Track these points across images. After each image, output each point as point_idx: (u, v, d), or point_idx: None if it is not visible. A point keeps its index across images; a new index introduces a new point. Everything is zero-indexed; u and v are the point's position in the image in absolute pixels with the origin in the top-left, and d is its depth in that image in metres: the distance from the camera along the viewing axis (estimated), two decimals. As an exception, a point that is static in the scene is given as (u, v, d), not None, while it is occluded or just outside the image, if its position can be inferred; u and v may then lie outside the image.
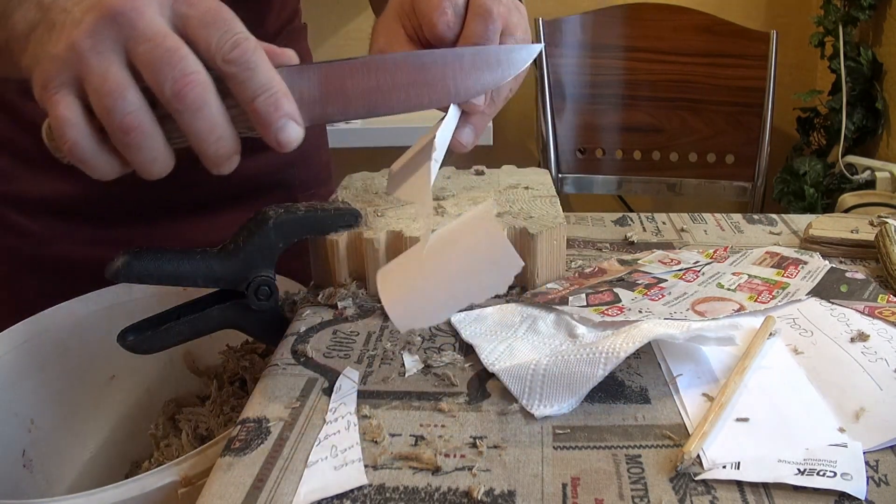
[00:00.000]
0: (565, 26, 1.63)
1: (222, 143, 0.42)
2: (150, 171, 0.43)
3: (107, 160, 0.42)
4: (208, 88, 0.41)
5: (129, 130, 0.40)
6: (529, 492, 0.37)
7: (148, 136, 0.41)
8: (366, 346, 0.51)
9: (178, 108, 0.40)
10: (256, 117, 0.42)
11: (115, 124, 0.40)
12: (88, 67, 0.39)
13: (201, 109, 0.40)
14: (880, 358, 0.47)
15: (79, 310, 0.66)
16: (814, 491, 0.36)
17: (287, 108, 0.42)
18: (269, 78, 0.41)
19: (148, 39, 0.39)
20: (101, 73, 0.39)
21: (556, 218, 0.59)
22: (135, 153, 0.41)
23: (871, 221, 0.68)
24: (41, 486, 0.62)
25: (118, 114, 0.40)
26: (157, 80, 0.40)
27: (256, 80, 0.41)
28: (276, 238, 0.53)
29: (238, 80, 0.41)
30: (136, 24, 0.39)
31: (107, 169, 0.42)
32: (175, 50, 0.40)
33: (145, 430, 0.65)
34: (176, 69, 0.39)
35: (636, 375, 0.47)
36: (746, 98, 1.59)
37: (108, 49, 0.40)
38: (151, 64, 0.39)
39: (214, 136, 0.42)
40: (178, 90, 0.39)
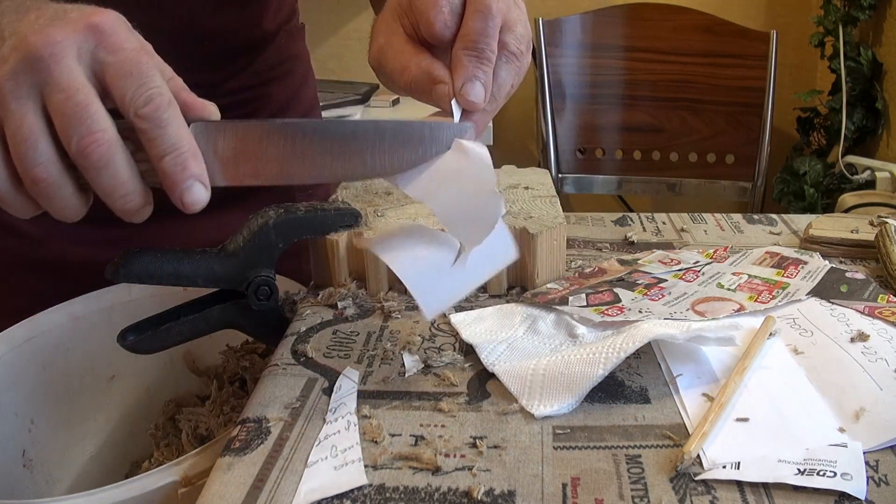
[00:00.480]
0: (565, 26, 1.63)
1: (129, 198, 0.42)
2: (62, 217, 0.43)
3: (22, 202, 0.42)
4: (114, 147, 0.40)
5: (38, 182, 0.40)
6: (529, 492, 0.38)
7: (56, 188, 0.41)
8: (366, 346, 0.51)
9: (83, 164, 0.40)
10: (163, 176, 0.42)
11: (25, 174, 0.40)
12: (7, 111, 0.40)
13: (106, 168, 0.40)
14: (880, 358, 0.47)
15: (79, 310, 0.66)
16: (814, 491, 0.36)
17: (194, 169, 0.42)
18: (179, 137, 0.41)
19: (61, 90, 0.39)
20: (18, 119, 0.39)
21: (556, 218, 0.59)
22: (45, 202, 0.42)
23: (871, 221, 0.68)
24: (41, 486, 0.62)
25: (29, 164, 0.40)
26: (65, 134, 0.40)
27: (166, 138, 0.41)
28: (276, 238, 0.53)
29: (148, 137, 0.41)
30: (52, 71, 0.39)
31: (21, 210, 0.43)
32: (85, 105, 0.39)
33: (145, 430, 0.65)
34: (83, 126, 0.39)
35: (636, 375, 0.47)
36: (746, 98, 1.58)
37: (25, 94, 0.39)
38: (62, 116, 0.39)
39: (120, 193, 0.42)
40: (83, 147, 0.39)
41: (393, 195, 0.66)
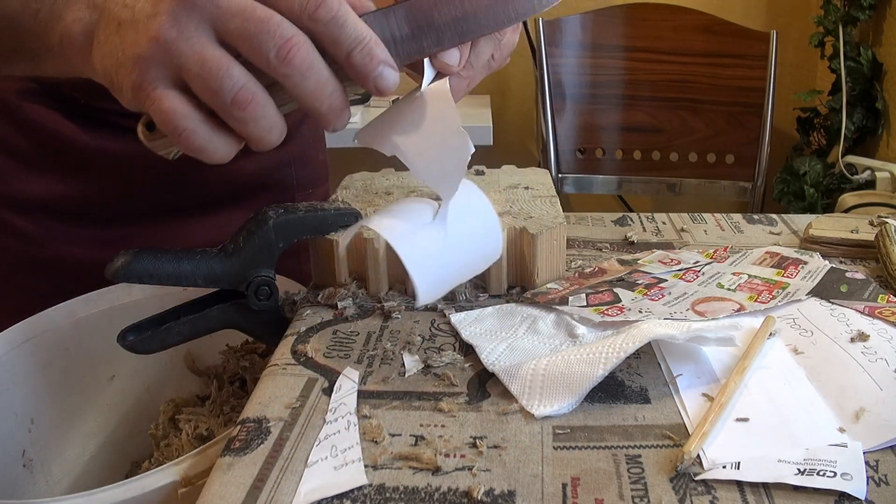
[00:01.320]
0: (565, 26, 1.63)
1: (335, 95, 0.42)
2: (267, 141, 0.43)
3: (223, 141, 0.42)
4: (311, 48, 0.40)
5: (245, 105, 0.40)
6: (529, 492, 0.37)
7: (263, 106, 0.41)
8: (366, 346, 0.51)
9: (287, 72, 0.40)
10: (353, 70, 0.42)
11: (227, 102, 0.40)
12: (182, 56, 0.39)
13: (310, 69, 0.40)
14: (880, 358, 0.47)
15: (79, 310, 0.66)
16: (814, 491, 0.36)
17: (381, 55, 0.42)
18: (359, 29, 0.41)
19: (236, 14, 0.39)
20: (198, 58, 0.39)
21: (556, 218, 0.59)
22: (252, 126, 0.41)
23: (871, 221, 0.68)
24: (41, 486, 0.62)
25: (228, 91, 0.39)
26: (258, 51, 0.39)
27: (346, 34, 0.41)
28: (276, 238, 0.53)
29: (329, 38, 0.41)
30: (218, 2, 0.39)
31: (224, 150, 0.42)
32: (268, 18, 0.39)
33: (145, 430, 0.65)
34: (276, 36, 0.39)
35: (636, 375, 0.47)
36: (746, 98, 1.58)
37: (195, 33, 0.39)
38: (248, 37, 0.39)
39: (327, 91, 0.42)
40: (283, 56, 0.39)
41: (393, 195, 0.66)
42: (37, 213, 0.73)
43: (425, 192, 0.66)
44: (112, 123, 0.70)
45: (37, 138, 0.71)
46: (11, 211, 0.73)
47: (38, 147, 0.71)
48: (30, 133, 0.71)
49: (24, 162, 0.72)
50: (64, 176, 0.72)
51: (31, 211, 0.73)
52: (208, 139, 0.41)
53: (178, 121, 0.40)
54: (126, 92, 0.41)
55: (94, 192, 0.72)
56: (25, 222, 0.73)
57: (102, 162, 0.71)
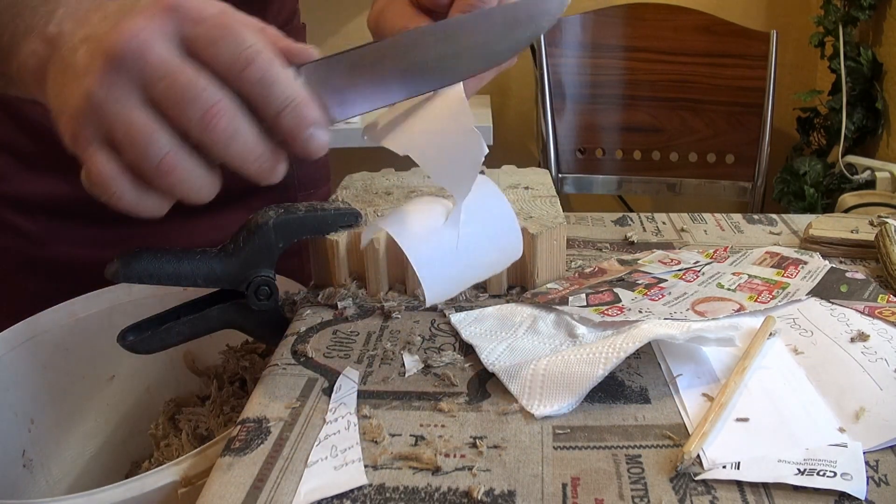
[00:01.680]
0: (565, 26, 1.63)
1: (262, 159, 0.41)
2: (198, 199, 0.42)
3: (153, 201, 0.41)
4: (237, 114, 0.39)
5: (169, 171, 0.39)
6: (529, 492, 0.37)
7: (189, 171, 0.40)
8: (366, 346, 0.51)
9: (210, 140, 0.39)
10: (282, 132, 0.41)
11: (152, 169, 0.39)
12: (110, 118, 0.38)
13: (235, 137, 0.39)
14: (880, 358, 0.47)
15: (79, 310, 0.66)
16: (814, 491, 0.36)
17: (313, 117, 0.41)
18: (290, 89, 0.40)
19: (162, 77, 0.38)
20: (125, 122, 0.38)
21: (556, 218, 0.59)
22: (178, 189, 0.40)
23: (871, 221, 0.68)
24: (41, 486, 0.62)
25: (153, 158, 0.39)
26: (182, 117, 0.38)
27: (276, 94, 0.39)
28: (276, 238, 0.53)
29: (258, 98, 0.40)
30: (146, 62, 0.38)
31: (154, 208, 0.42)
32: (193, 83, 0.38)
33: (145, 430, 0.65)
34: (199, 102, 0.38)
35: (636, 375, 0.47)
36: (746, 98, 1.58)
37: (123, 94, 0.38)
38: (173, 102, 0.38)
39: (253, 157, 0.40)
40: (206, 123, 0.38)
41: (393, 195, 0.66)
42: (38, 213, 0.73)
43: (425, 193, 0.66)
44: None
45: (37, 138, 0.71)
46: (12, 211, 0.73)
47: (39, 147, 0.71)
48: (31, 133, 0.71)
49: (25, 162, 0.72)
50: (65, 176, 0.72)
51: (32, 211, 0.73)
52: (137, 200, 0.41)
53: (107, 183, 0.40)
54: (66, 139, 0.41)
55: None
56: (26, 222, 0.73)
57: None
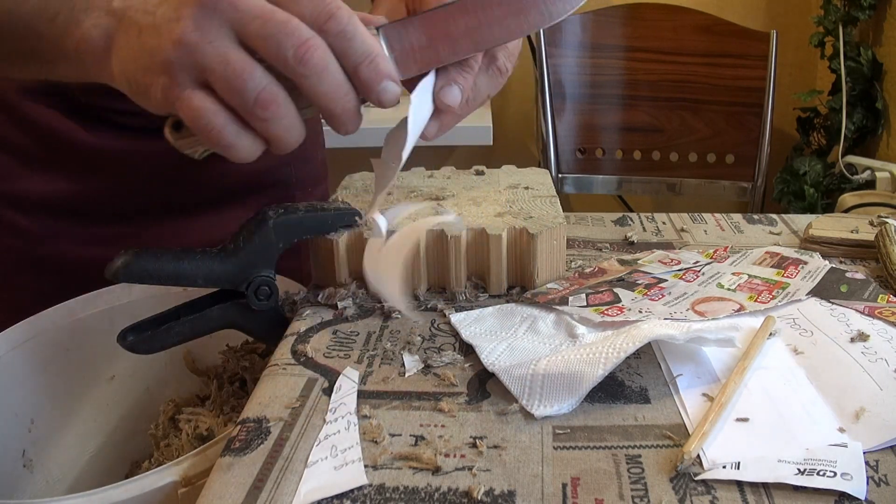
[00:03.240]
0: (565, 26, 1.63)
1: (349, 97, 0.43)
2: (287, 142, 0.44)
3: (249, 140, 0.43)
4: (327, 51, 0.42)
5: (267, 105, 0.41)
6: (529, 492, 0.38)
7: (284, 106, 0.42)
8: (366, 346, 0.51)
9: (304, 72, 0.41)
10: (359, 82, 0.43)
11: (250, 103, 0.41)
12: (206, 58, 0.40)
13: (325, 70, 0.41)
14: (880, 358, 0.47)
15: (79, 310, 0.66)
16: (814, 491, 0.36)
17: (386, 70, 0.44)
18: (367, 44, 0.43)
19: (256, 16, 0.40)
20: (221, 59, 0.40)
21: (556, 218, 0.59)
22: (273, 126, 0.42)
23: (871, 221, 0.68)
24: (41, 486, 0.62)
25: (251, 92, 0.40)
26: (277, 52, 0.40)
27: (354, 48, 0.42)
28: (276, 238, 0.53)
29: (338, 50, 0.42)
30: (237, 6, 0.40)
31: (250, 149, 0.43)
32: (287, 20, 0.40)
33: (145, 430, 0.65)
34: (294, 37, 0.40)
35: (636, 375, 0.47)
36: (746, 98, 1.58)
37: (218, 35, 0.40)
38: (268, 38, 0.40)
39: (342, 92, 0.43)
40: (300, 56, 0.40)
41: (393, 195, 0.66)
42: (38, 211, 0.73)
43: (425, 192, 0.66)
44: (112, 122, 0.70)
45: (37, 137, 0.71)
46: (12, 209, 0.73)
47: (38, 145, 0.71)
48: (30, 131, 0.71)
49: (24, 160, 0.72)
50: (65, 174, 0.72)
51: (33, 209, 0.73)
52: (236, 136, 0.42)
53: (209, 118, 0.41)
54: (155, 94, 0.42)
55: (95, 191, 0.72)
56: (27, 221, 0.73)
57: (103, 160, 0.71)
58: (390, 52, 0.46)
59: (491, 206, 0.62)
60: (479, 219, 0.59)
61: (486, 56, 0.50)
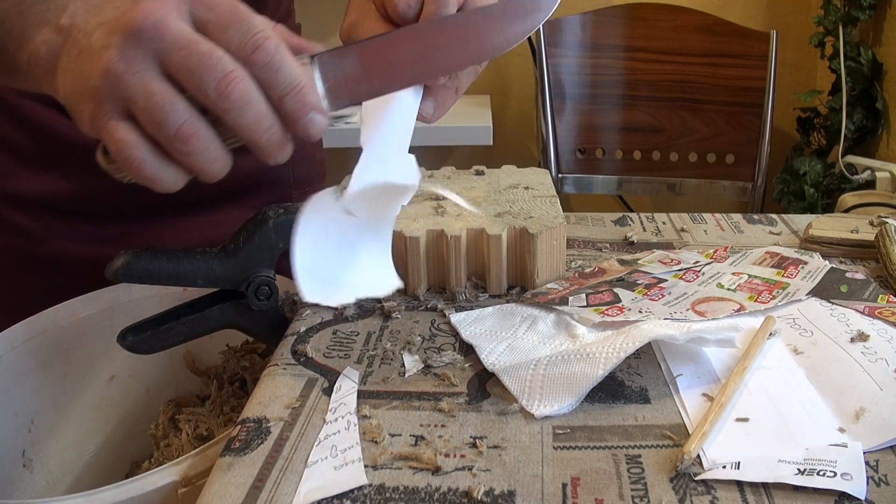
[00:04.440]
0: (565, 26, 1.63)
1: (273, 130, 0.43)
2: (211, 174, 0.44)
3: (171, 172, 0.43)
4: (250, 83, 0.41)
5: (188, 139, 0.41)
6: (529, 492, 0.37)
7: (205, 140, 0.42)
8: (366, 346, 0.51)
9: (225, 106, 0.41)
10: (285, 114, 0.43)
11: (170, 136, 0.41)
12: (130, 89, 0.40)
13: (248, 104, 0.41)
14: (880, 358, 0.47)
15: (79, 310, 0.66)
16: (814, 491, 0.36)
17: (312, 101, 0.43)
18: (294, 75, 0.42)
19: (180, 48, 0.40)
20: (144, 92, 0.40)
21: (556, 218, 0.59)
22: (195, 159, 0.42)
23: (871, 221, 0.68)
24: (41, 486, 0.62)
25: (172, 125, 0.40)
26: (199, 85, 0.40)
27: (280, 79, 0.42)
28: (276, 238, 0.53)
29: (264, 81, 0.42)
30: (163, 36, 0.40)
31: (172, 180, 0.43)
32: (210, 52, 0.40)
33: (145, 430, 0.65)
34: (216, 70, 0.40)
35: (636, 375, 0.47)
36: (746, 98, 1.58)
37: (143, 67, 0.40)
38: (190, 70, 0.40)
39: (265, 126, 0.42)
40: (221, 90, 0.40)
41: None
42: (36, 210, 0.73)
43: (425, 192, 0.66)
44: None
45: (36, 136, 0.71)
46: (11, 208, 0.73)
47: (37, 144, 0.71)
48: (29, 130, 0.71)
49: (23, 159, 0.72)
50: (63, 173, 0.72)
51: (31, 208, 0.73)
52: (157, 169, 0.42)
53: (129, 151, 0.41)
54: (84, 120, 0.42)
55: (94, 189, 0.72)
56: (25, 220, 0.73)
57: None
58: (324, 82, 0.45)
59: (491, 206, 0.62)
60: (479, 219, 0.59)
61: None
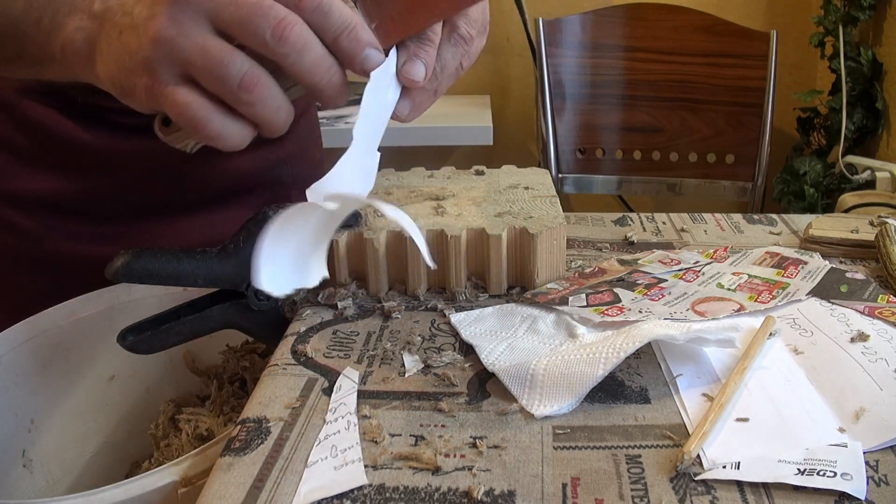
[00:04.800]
0: (565, 26, 1.63)
1: (332, 70, 0.43)
2: (276, 123, 0.44)
3: (237, 127, 0.43)
4: (304, 26, 0.41)
5: (251, 88, 0.41)
6: (529, 492, 0.37)
7: (269, 87, 0.42)
8: (366, 346, 0.51)
9: (284, 51, 0.41)
10: (341, 54, 0.43)
11: (234, 88, 0.41)
12: (184, 51, 0.40)
13: (306, 46, 0.41)
14: (880, 358, 0.47)
15: (79, 310, 0.66)
16: (814, 491, 0.36)
17: (367, 38, 0.43)
18: (344, 15, 0.42)
19: (229, 3, 0.40)
20: (200, 50, 0.40)
21: (556, 218, 0.59)
22: (260, 108, 0.42)
23: (871, 221, 0.68)
24: (41, 486, 0.62)
25: (234, 77, 0.40)
26: (255, 34, 0.40)
27: (332, 20, 0.42)
28: (276, 238, 0.53)
29: (316, 25, 0.42)
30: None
31: (239, 136, 0.43)
32: (260, 2, 0.40)
33: (145, 430, 0.65)
34: (269, 17, 0.40)
35: (636, 375, 0.47)
36: (746, 98, 1.58)
37: (194, 27, 0.40)
38: (243, 22, 0.40)
39: (324, 66, 0.43)
40: (278, 35, 0.40)
41: (393, 195, 0.66)
42: (36, 209, 0.73)
43: (425, 192, 0.66)
44: (110, 121, 0.70)
45: (36, 136, 0.71)
46: (11, 208, 0.73)
47: (37, 144, 0.71)
48: (29, 130, 0.71)
49: (23, 159, 0.72)
50: (63, 173, 0.72)
51: (31, 208, 0.73)
52: (222, 126, 0.42)
53: (194, 111, 0.41)
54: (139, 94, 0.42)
55: (93, 189, 0.72)
56: (25, 219, 0.73)
57: (101, 159, 0.71)
58: (369, 23, 0.45)
59: (491, 206, 0.62)
60: (479, 219, 0.59)
61: (447, 26, 0.50)
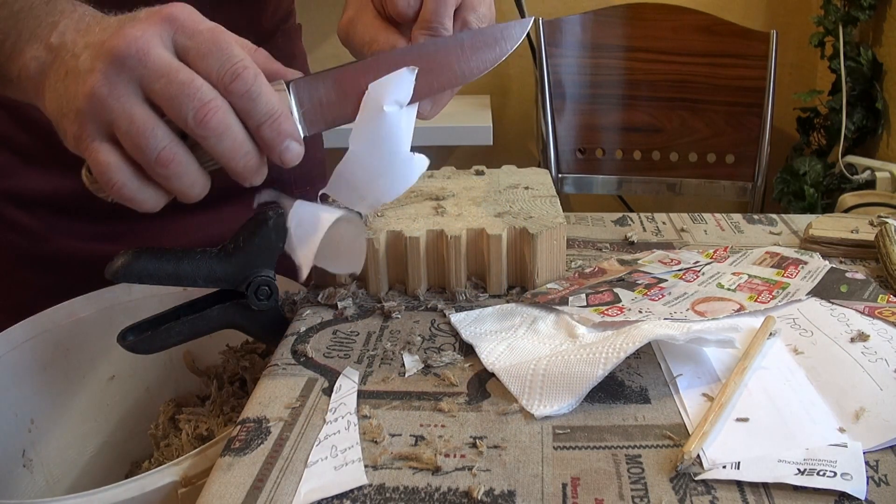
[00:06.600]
0: (565, 26, 1.63)
1: (249, 157, 0.45)
2: (190, 196, 0.45)
3: (150, 194, 0.44)
4: (228, 112, 0.43)
5: (167, 163, 0.42)
6: (529, 492, 0.38)
7: (184, 164, 0.43)
8: (366, 346, 0.51)
9: (203, 134, 0.42)
10: (262, 142, 0.44)
11: (151, 160, 0.42)
12: (112, 112, 0.41)
13: (226, 132, 0.43)
14: (880, 358, 0.47)
15: (79, 310, 0.66)
16: (814, 491, 0.36)
17: (288, 129, 0.45)
18: (270, 104, 0.44)
19: (161, 76, 0.41)
20: (127, 116, 0.41)
21: (556, 218, 0.59)
22: (174, 182, 0.44)
23: (871, 221, 0.68)
24: (41, 486, 0.62)
25: (152, 150, 0.42)
26: (179, 113, 0.41)
27: (258, 108, 0.43)
28: (276, 238, 0.53)
29: (242, 110, 0.43)
30: (145, 62, 0.41)
31: (152, 202, 0.45)
32: (190, 82, 0.41)
33: (145, 430, 0.65)
34: (195, 99, 0.41)
35: (636, 375, 0.47)
36: (746, 98, 1.58)
37: (125, 92, 0.41)
38: (170, 98, 0.41)
39: (241, 152, 0.44)
40: (200, 118, 0.41)
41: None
42: (38, 208, 0.73)
43: (425, 192, 0.66)
44: None
45: (37, 134, 0.71)
46: (13, 206, 0.73)
47: (38, 143, 0.71)
48: (30, 129, 0.71)
49: (25, 158, 0.72)
50: (64, 171, 0.72)
51: (33, 206, 0.73)
52: (137, 191, 0.44)
53: (112, 174, 0.43)
54: (69, 139, 0.43)
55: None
56: (27, 218, 0.73)
57: None
58: (299, 108, 0.46)
59: (491, 206, 0.62)
60: (479, 219, 0.59)
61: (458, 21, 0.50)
